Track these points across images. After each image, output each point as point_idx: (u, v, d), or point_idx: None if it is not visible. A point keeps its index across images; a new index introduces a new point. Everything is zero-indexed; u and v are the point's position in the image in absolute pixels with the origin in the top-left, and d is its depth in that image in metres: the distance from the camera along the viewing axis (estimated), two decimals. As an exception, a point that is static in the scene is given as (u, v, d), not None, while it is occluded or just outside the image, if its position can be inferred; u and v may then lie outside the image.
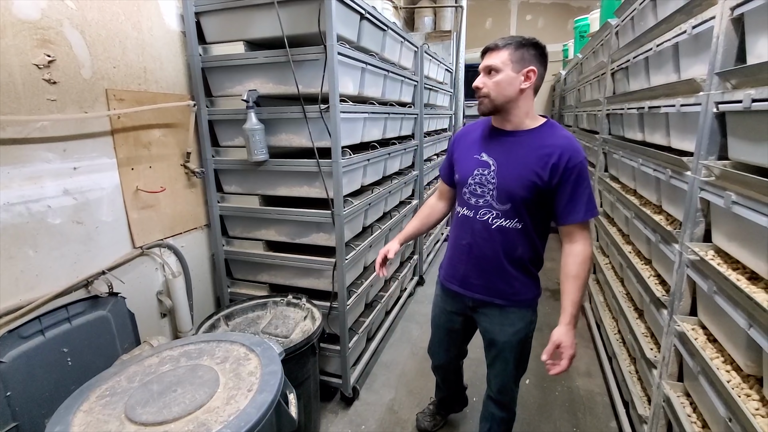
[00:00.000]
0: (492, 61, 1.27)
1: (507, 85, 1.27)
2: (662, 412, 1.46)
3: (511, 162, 1.31)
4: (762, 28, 1.01)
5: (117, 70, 1.58)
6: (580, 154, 1.27)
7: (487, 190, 1.35)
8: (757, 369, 1.03)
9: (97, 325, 1.51)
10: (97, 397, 1.10)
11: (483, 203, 1.36)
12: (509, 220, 1.33)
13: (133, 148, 1.66)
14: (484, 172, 1.35)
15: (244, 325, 1.87)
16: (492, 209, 1.35)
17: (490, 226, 1.36)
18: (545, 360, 1.28)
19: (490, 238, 1.37)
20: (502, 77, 1.27)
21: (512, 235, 1.34)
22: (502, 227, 1.34)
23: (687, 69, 1.45)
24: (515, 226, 1.33)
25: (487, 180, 1.35)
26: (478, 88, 1.31)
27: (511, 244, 1.35)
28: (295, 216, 1.94)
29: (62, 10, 1.38)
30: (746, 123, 1.07)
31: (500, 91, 1.28)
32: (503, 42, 1.27)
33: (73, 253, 1.47)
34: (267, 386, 1.09)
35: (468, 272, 1.45)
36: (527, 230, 1.34)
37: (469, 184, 1.39)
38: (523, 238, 1.35)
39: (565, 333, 1.28)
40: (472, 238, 1.41)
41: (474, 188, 1.38)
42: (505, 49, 1.26)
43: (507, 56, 1.26)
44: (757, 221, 0.96)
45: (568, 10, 5.98)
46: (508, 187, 1.30)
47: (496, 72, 1.27)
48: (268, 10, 1.70)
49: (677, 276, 1.38)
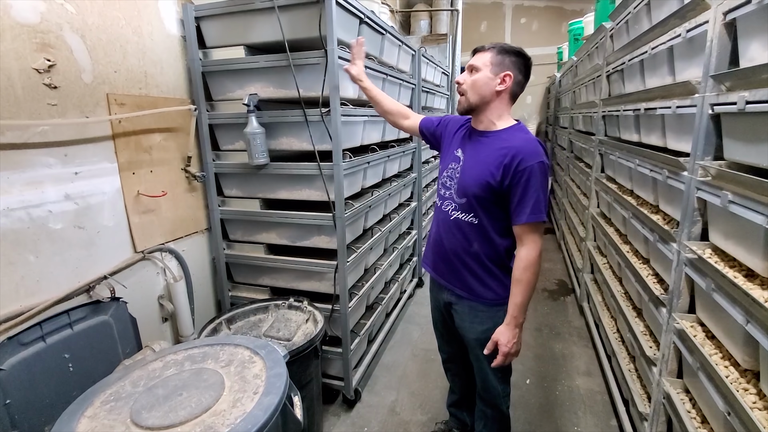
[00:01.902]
0: (475, 61, 1.36)
1: (483, 84, 1.34)
2: (662, 409, 1.48)
3: (474, 160, 1.39)
4: (754, 32, 1.04)
5: (118, 75, 1.58)
6: (535, 157, 1.27)
7: (452, 183, 1.44)
8: (754, 364, 1.05)
9: (98, 330, 1.50)
10: (102, 402, 1.10)
11: (448, 195, 1.46)
12: (465, 213, 1.40)
13: (134, 152, 1.66)
14: (454, 167, 1.45)
15: (246, 328, 1.87)
16: (453, 201, 1.43)
17: (449, 217, 1.44)
18: (486, 354, 1.40)
19: (449, 229, 1.45)
20: (479, 76, 1.34)
21: (468, 229, 1.41)
22: (458, 220, 1.42)
23: (682, 72, 1.47)
24: (471, 221, 1.40)
25: (454, 174, 1.44)
26: (459, 83, 1.39)
27: (466, 237, 1.42)
28: (296, 219, 1.95)
29: (62, 14, 1.38)
30: (741, 124, 1.10)
31: (476, 89, 1.35)
32: (489, 45, 1.36)
33: (74, 258, 1.46)
34: (273, 388, 1.09)
35: (436, 260, 1.55)
36: (483, 226, 1.38)
37: (443, 176, 1.49)
38: (479, 234, 1.39)
39: (503, 332, 1.36)
40: (437, 227, 1.52)
41: (444, 181, 1.48)
42: (489, 51, 1.34)
43: (489, 58, 1.34)
44: (753, 219, 0.98)
45: (562, 14, 6.04)
46: (466, 183, 1.38)
47: (476, 71, 1.35)
48: (268, 15, 1.71)
49: (675, 274, 1.41)
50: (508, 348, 1.35)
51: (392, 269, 2.87)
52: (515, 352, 1.38)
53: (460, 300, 1.50)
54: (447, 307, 1.58)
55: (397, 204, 2.92)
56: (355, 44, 1.68)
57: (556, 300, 3.39)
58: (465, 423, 1.86)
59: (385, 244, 2.73)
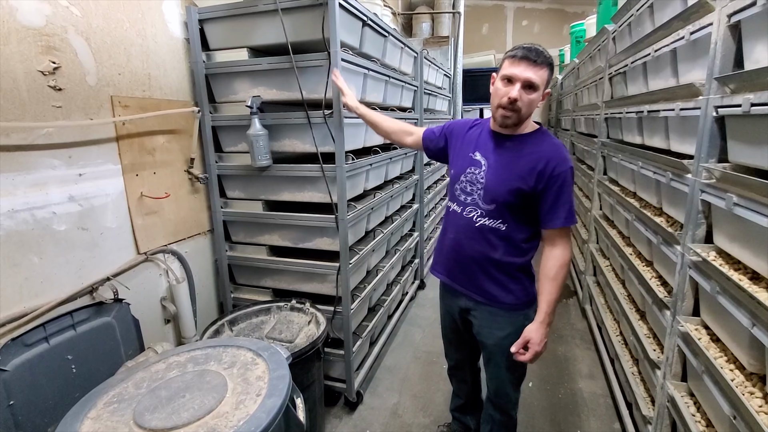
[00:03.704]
0: (534, 77, 1.23)
1: (535, 104, 1.29)
2: (666, 413, 1.47)
3: (501, 165, 1.35)
4: (759, 34, 1.04)
5: (122, 77, 1.59)
6: (566, 163, 1.30)
7: (475, 189, 1.38)
8: (760, 367, 1.04)
9: (101, 331, 1.50)
10: (105, 404, 1.10)
11: (470, 201, 1.40)
12: (492, 220, 1.37)
13: (137, 154, 1.67)
14: (475, 171, 1.39)
15: (248, 330, 1.87)
16: (477, 208, 1.38)
17: (474, 224, 1.39)
18: (513, 351, 1.35)
19: (472, 235, 1.40)
20: (536, 96, 1.26)
21: (494, 235, 1.37)
22: (485, 226, 1.38)
23: (685, 74, 1.47)
24: (498, 227, 1.36)
25: (476, 179, 1.38)
26: (515, 100, 1.24)
27: (491, 243, 1.38)
28: (298, 221, 1.95)
29: (67, 17, 1.39)
30: (746, 126, 1.09)
31: (530, 109, 1.29)
32: (542, 59, 1.23)
33: (77, 260, 1.47)
34: (276, 390, 1.09)
35: (452, 267, 1.50)
36: (510, 233, 1.36)
37: (460, 180, 1.43)
38: (505, 240, 1.37)
39: (535, 330, 1.34)
40: (456, 233, 1.45)
41: (464, 185, 1.42)
42: (545, 68, 1.24)
43: (545, 76, 1.25)
44: (759, 222, 0.98)
45: (563, 16, 6.05)
46: (495, 188, 1.34)
47: (533, 90, 1.25)
48: (272, 17, 1.71)
49: (680, 277, 1.40)
50: (540, 347, 1.33)
51: (394, 271, 2.87)
52: (544, 350, 1.36)
53: (479, 306, 1.47)
54: (463, 314, 1.54)
55: (399, 206, 2.92)
56: (335, 80, 1.65)
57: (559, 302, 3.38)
58: (468, 427, 1.85)
59: (387, 246, 2.73)
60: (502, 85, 1.28)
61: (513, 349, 1.36)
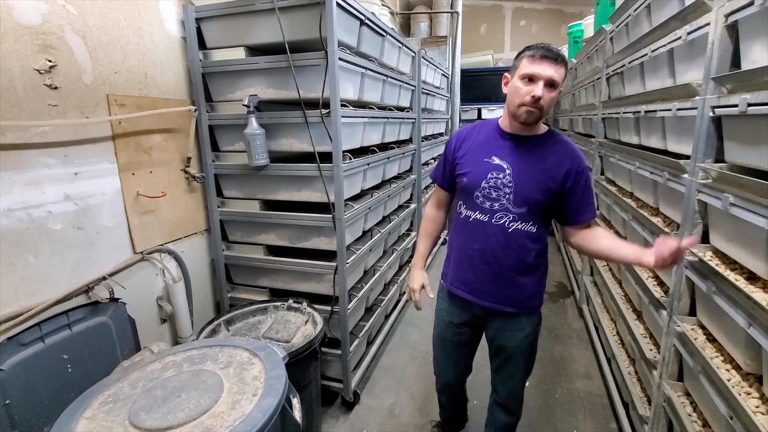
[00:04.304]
0: (556, 75, 1.23)
1: (554, 102, 1.30)
2: (663, 412, 1.47)
3: (527, 167, 1.33)
4: (756, 34, 1.04)
5: (118, 76, 1.58)
6: (584, 160, 1.37)
7: (503, 193, 1.33)
8: (756, 367, 1.04)
9: (97, 331, 1.49)
10: (100, 403, 1.09)
11: (499, 207, 1.34)
12: (524, 223, 1.34)
13: (133, 153, 1.66)
14: (499, 176, 1.33)
15: (244, 330, 1.86)
16: (508, 212, 1.34)
17: (507, 229, 1.34)
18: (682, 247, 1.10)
19: (506, 242, 1.35)
20: (555, 95, 1.27)
21: (527, 238, 1.36)
22: (518, 230, 1.35)
23: (682, 74, 1.47)
24: (530, 229, 1.35)
25: (502, 183, 1.33)
26: (540, 98, 1.23)
27: (526, 247, 1.36)
28: (295, 220, 1.94)
29: (63, 16, 1.38)
30: (742, 127, 1.10)
31: (550, 107, 1.30)
32: (561, 58, 1.24)
33: (73, 259, 1.46)
34: (272, 390, 1.09)
35: (479, 279, 1.42)
36: (540, 234, 1.38)
37: (482, 188, 1.35)
38: (536, 242, 1.38)
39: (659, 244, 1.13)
40: (485, 243, 1.37)
41: (489, 192, 1.35)
42: (563, 66, 1.25)
43: (563, 74, 1.27)
44: (755, 222, 0.98)
45: (561, 16, 6.06)
46: (526, 190, 1.31)
47: (554, 88, 1.26)
48: (269, 16, 1.71)
49: (676, 277, 1.40)
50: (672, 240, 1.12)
51: (392, 271, 2.87)
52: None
53: (499, 313, 1.44)
54: (476, 320, 1.50)
55: (396, 206, 2.92)
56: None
57: (556, 302, 3.39)
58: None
59: (385, 245, 2.73)
60: (522, 84, 1.26)
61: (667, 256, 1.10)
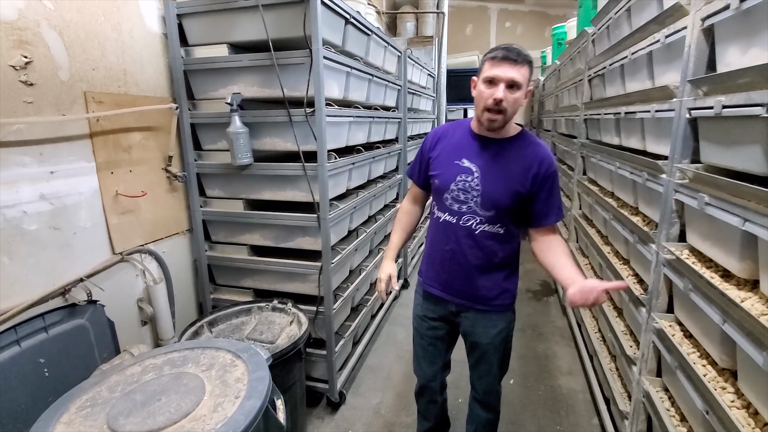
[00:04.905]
0: (517, 76, 1.21)
1: (520, 103, 1.28)
2: (642, 408, 1.51)
3: (495, 170, 1.33)
4: (731, 38, 1.07)
5: (96, 72, 1.54)
6: (554, 162, 1.36)
7: (470, 196, 1.35)
8: (731, 363, 1.07)
9: (74, 334, 1.45)
10: (78, 408, 1.06)
11: (467, 209, 1.37)
12: (492, 225, 1.36)
13: (112, 151, 1.62)
14: (467, 179, 1.35)
15: (228, 331, 1.84)
16: (476, 215, 1.36)
17: (474, 231, 1.37)
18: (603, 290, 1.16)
19: (474, 244, 1.38)
20: (520, 95, 1.25)
21: (495, 240, 1.38)
22: (485, 232, 1.37)
23: (660, 76, 1.51)
24: (497, 231, 1.37)
25: (470, 186, 1.34)
26: (501, 100, 1.22)
27: (493, 249, 1.39)
28: (280, 220, 1.93)
29: (40, 11, 1.34)
30: (717, 128, 1.12)
31: (515, 108, 1.27)
32: (522, 57, 1.22)
33: (49, 260, 1.42)
34: (255, 392, 1.07)
35: (450, 278, 1.45)
36: (508, 235, 1.39)
37: (451, 190, 1.37)
38: (504, 243, 1.39)
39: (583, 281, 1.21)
40: (455, 244, 1.40)
41: (457, 194, 1.37)
42: (525, 66, 1.23)
43: (527, 73, 1.24)
44: (729, 221, 1.01)
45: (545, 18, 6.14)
46: (494, 194, 1.32)
47: (517, 89, 1.24)
48: (252, 13, 1.69)
49: (654, 275, 1.43)
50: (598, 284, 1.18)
51: (377, 271, 2.86)
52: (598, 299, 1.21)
53: (472, 309, 1.46)
54: (450, 317, 1.52)
55: (382, 205, 2.92)
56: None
57: (539, 300, 3.43)
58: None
59: (371, 245, 2.72)
60: (485, 88, 1.25)
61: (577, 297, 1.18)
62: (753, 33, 0.97)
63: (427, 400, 1.70)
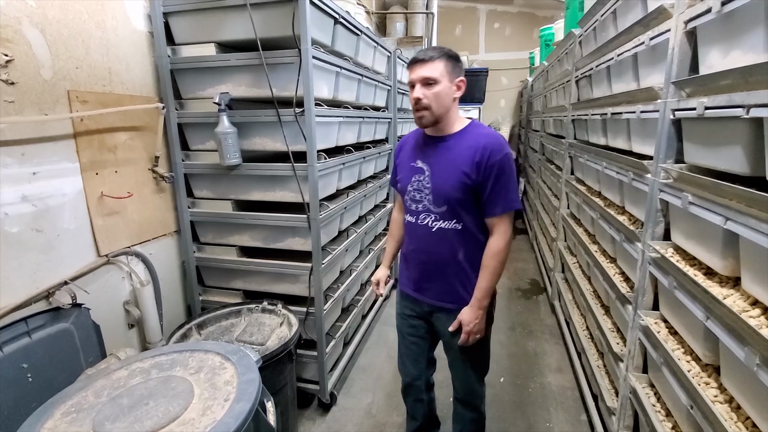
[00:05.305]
0: (430, 73, 1.28)
1: (445, 95, 1.31)
2: (629, 403, 1.53)
3: (442, 165, 1.36)
4: (713, 40, 1.09)
5: (80, 71, 1.51)
6: (502, 150, 1.32)
7: (424, 195, 1.40)
8: (714, 358, 1.10)
9: (59, 338, 1.43)
10: (62, 414, 1.04)
11: (422, 208, 1.41)
12: (447, 221, 1.38)
13: (97, 152, 1.59)
14: (420, 178, 1.40)
15: (217, 333, 1.82)
16: (430, 212, 1.39)
17: (431, 229, 1.40)
18: (450, 331, 1.42)
19: (432, 241, 1.41)
20: (440, 89, 1.29)
21: (453, 236, 1.38)
22: (442, 229, 1.39)
23: (645, 78, 1.53)
24: (455, 227, 1.38)
25: (423, 185, 1.39)
26: (419, 99, 1.30)
27: (453, 246, 1.39)
28: (269, 221, 1.91)
29: (21, 8, 1.31)
30: (700, 129, 1.15)
31: (440, 102, 1.31)
32: (436, 54, 1.29)
33: (32, 263, 1.39)
34: (244, 395, 1.07)
35: (419, 277, 1.49)
36: (467, 231, 1.38)
37: (408, 191, 1.44)
38: (465, 239, 1.38)
39: (467, 312, 1.38)
40: (417, 243, 1.46)
41: (413, 195, 1.43)
42: (440, 60, 1.29)
43: (442, 67, 1.29)
44: (712, 220, 1.03)
45: (533, 20, 6.19)
46: (442, 189, 1.35)
47: (435, 83, 1.29)
48: (240, 12, 1.67)
49: (640, 273, 1.46)
50: (470, 327, 1.37)
51: (368, 271, 2.86)
52: (477, 331, 1.39)
53: (443, 309, 1.47)
54: (426, 315, 1.55)
55: (373, 205, 2.92)
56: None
57: (529, 299, 3.46)
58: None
59: (361, 245, 2.72)
60: (411, 94, 1.33)
61: (450, 328, 1.42)
62: (733, 36, 0.99)
63: (414, 398, 1.71)
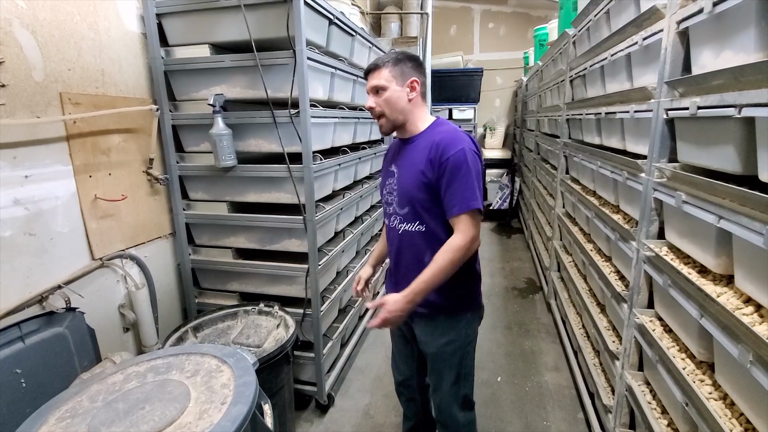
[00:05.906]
0: (376, 81, 1.32)
1: (396, 99, 1.32)
2: (625, 401, 1.54)
3: (406, 166, 1.36)
4: (705, 40, 1.10)
5: (72, 73, 1.50)
6: (455, 145, 1.24)
7: (393, 197, 1.40)
8: (708, 356, 1.11)
9: (53, 343, 1.41)
10: (57, 419, 1.03)
11: (392, 211, 1.41)
12: (410, 223, 1.35)
13: (90, 154, 1.58)
14: (391, 181, 1.41)
15: (213, 336, 1.81)
16: (397, 215, 1.39)
17: (398, 231, 1.40)
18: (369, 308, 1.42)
19: (401, 244, 1.40)
20: (389, 94, 1.31)
21: (418, 239, 1.35)
22: (406, 231, 1.37)
23: (639, 77, 1.54)
24: (418, 229, 1.34)
25: (392, 188, 1.40)
26: (372, 108, 1.34)
27: (418, 249, 1.35)
28: (265, 222, 1.91)
29: (12, 10, 1.30)
30: (693, 128, 1.16)
31: (392, 106, 1.33)
32: (382, 61, 1.32)
33: (25, 267, 1.37)
34: (241, 398, 1.06)
35: (396, 280, 1.45)
36: (432, 233, 1.32)
37: (383, 195, 1.47)
38: (431, 242, 1.32)
39: (393, 299, 1.27)
40: (391, 246, 1.47)
41: (386, 198, 1.44)
42: (385, 67, 1.31)
43: (388, 73, 1.31)
44: (705, 219, 1.03)
45: (528, 20, 6.21)
46: (405, 189, 1.35)
47: (383, 90, 1.32)
48: (234, 13, 1.67)
49: (635, 271, 1.47)
50: (388, 314, 1.26)
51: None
52: (393, 322, 1.30)
53: (419, 315, 1.41)
54: (407, 318, 1.43)
55: (369, 206, 2.92)
56: None
57: (525, 298, 3.48)
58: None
59: (358, 246, 2.72)
60: None
61: (370, 306, 1.40)
62: (725, 36, 1.00)
63: (406, 398, 1.72)
